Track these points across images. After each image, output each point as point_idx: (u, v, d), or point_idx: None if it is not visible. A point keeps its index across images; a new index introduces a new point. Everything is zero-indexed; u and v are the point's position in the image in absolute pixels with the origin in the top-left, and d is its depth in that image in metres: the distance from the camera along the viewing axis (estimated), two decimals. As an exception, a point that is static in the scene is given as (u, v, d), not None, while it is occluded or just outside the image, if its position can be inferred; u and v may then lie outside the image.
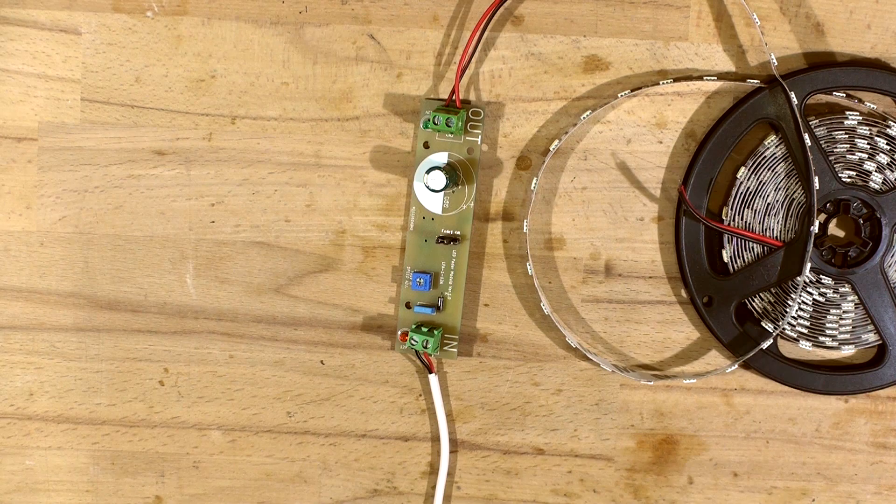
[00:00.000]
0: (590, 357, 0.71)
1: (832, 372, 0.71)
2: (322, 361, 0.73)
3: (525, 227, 0.71)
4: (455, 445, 0.73)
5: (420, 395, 0.73)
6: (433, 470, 0.73)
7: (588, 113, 0.70)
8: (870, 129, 0.69)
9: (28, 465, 0.74)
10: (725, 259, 0.70)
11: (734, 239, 0.70)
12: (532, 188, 0.70)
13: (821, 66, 0.69)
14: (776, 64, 0.69)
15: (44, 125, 0.72)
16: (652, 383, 0.71)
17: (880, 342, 0.70)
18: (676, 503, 0.73)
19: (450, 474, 0.73)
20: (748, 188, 0.70)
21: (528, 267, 0.70)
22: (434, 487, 0.73)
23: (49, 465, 0.74)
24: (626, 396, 0.72)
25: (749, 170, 0.70)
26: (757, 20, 0.69)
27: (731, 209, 0.70)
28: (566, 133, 0.70)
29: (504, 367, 0.72)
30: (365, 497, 0.73)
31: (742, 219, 0.70)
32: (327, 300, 0.72)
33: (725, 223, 0.70)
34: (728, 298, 0.70)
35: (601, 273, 0.72)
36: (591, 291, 0.72)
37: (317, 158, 0.72)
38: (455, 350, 0.71)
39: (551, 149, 0.70)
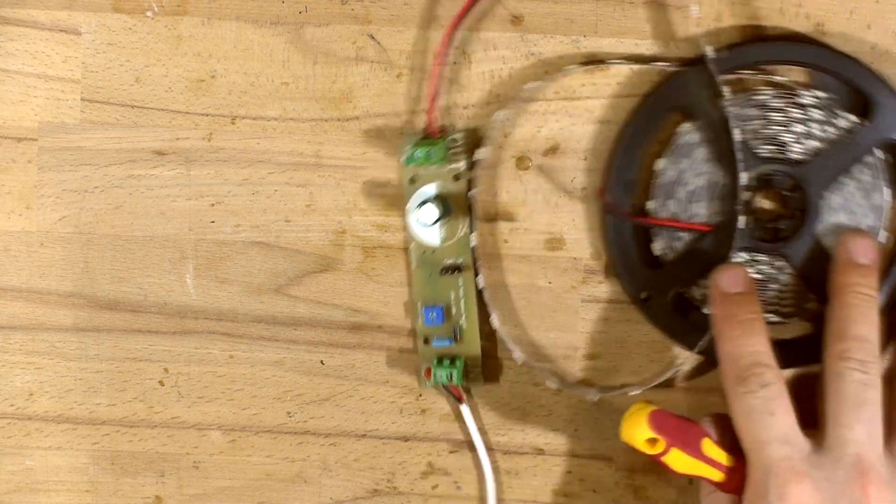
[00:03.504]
0: (535, 370, 0.71)
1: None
2: (322, 361, 0.73)
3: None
4: (455, 445, 0.73)
5: (420, 395, 0.73)
6: (433, 470, 0.73)
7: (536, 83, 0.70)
8: (784, 102, 0.69)
9: (28, 465, 0.74)
10: (657, 252, 0.70)
11: (663, 231, 0.70)
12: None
13: (733, 46, 0.69)
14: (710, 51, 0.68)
15: (44, 125, 0.72)
16: (597, 398, 0.71)
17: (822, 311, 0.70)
18: (676, 503, 0.73)
19: (450, 474, 0.73)
20: (670, 178, 0.69)
21: (493, 319, 0.70)
22: (434, 487, 0.73)
23: (49, 465, 0.74)
24: (626, 396, 0.72)
25: (667, 160, 0.69)
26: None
27: (656, 202, 0.70)
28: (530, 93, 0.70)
29: (504, 367, 0.72)
30: (365, 497, 0.73)
31: (668, 210, 0.70)
32: (327, 300, 0.72)
33: (652, 216, 0.70)
34: (664, 291, 0.70)
35: (601, 273, 0.72)
36: (592, 291, 0.72)
37: (317, 158, 0.72)
38: (481, 376, 0.71)
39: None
